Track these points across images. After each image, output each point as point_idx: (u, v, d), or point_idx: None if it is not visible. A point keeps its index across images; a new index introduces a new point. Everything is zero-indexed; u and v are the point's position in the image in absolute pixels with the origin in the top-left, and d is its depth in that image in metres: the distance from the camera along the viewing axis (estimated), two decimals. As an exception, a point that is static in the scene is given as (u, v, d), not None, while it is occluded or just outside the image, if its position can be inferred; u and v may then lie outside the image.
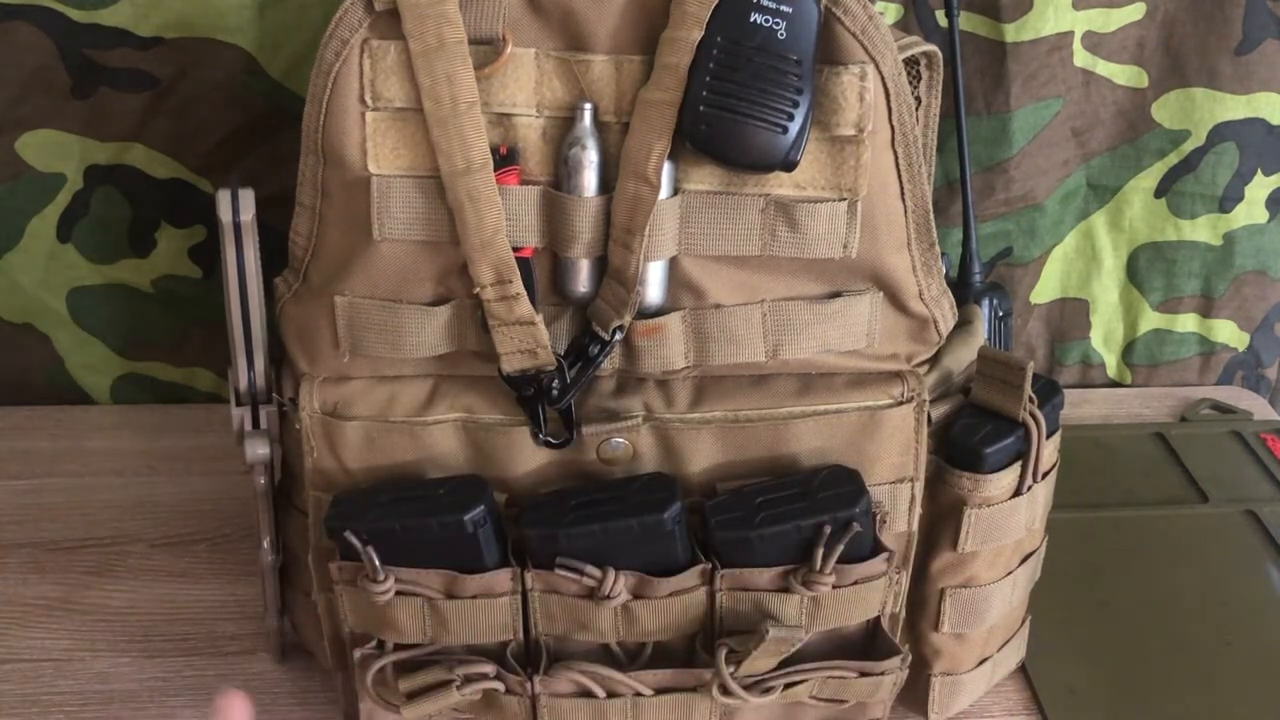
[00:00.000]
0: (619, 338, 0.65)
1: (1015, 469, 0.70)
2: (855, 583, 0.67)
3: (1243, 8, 1.01)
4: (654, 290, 0.65)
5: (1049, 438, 0.71)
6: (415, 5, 0.60)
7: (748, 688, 0.68)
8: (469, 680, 0.68)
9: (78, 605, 0.86)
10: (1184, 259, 1.12)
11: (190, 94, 0.96)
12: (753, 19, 0.60)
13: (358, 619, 0.69)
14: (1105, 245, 1.12)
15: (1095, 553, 0.93)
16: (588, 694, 0.69)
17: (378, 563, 0.65)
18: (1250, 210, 1.10)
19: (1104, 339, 1.16)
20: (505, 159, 0.63)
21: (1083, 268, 1.13)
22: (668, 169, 0.62)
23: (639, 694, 0.68)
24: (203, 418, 1.05)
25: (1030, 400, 0.69)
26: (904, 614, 0.73)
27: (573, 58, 0.63)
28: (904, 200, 0.66)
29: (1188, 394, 1.15)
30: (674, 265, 0.65)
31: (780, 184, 0.64)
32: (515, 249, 0.64)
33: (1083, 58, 1.03)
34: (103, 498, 0.97)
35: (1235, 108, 1.05)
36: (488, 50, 0.62)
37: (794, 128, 0.61)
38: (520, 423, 0.67)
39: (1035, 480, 0.71)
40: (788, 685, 0.69)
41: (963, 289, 0.96)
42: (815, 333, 0.67)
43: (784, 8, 0.60)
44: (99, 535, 0.93)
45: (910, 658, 0.71)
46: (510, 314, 0.64)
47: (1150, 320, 1.15)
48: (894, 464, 0.69)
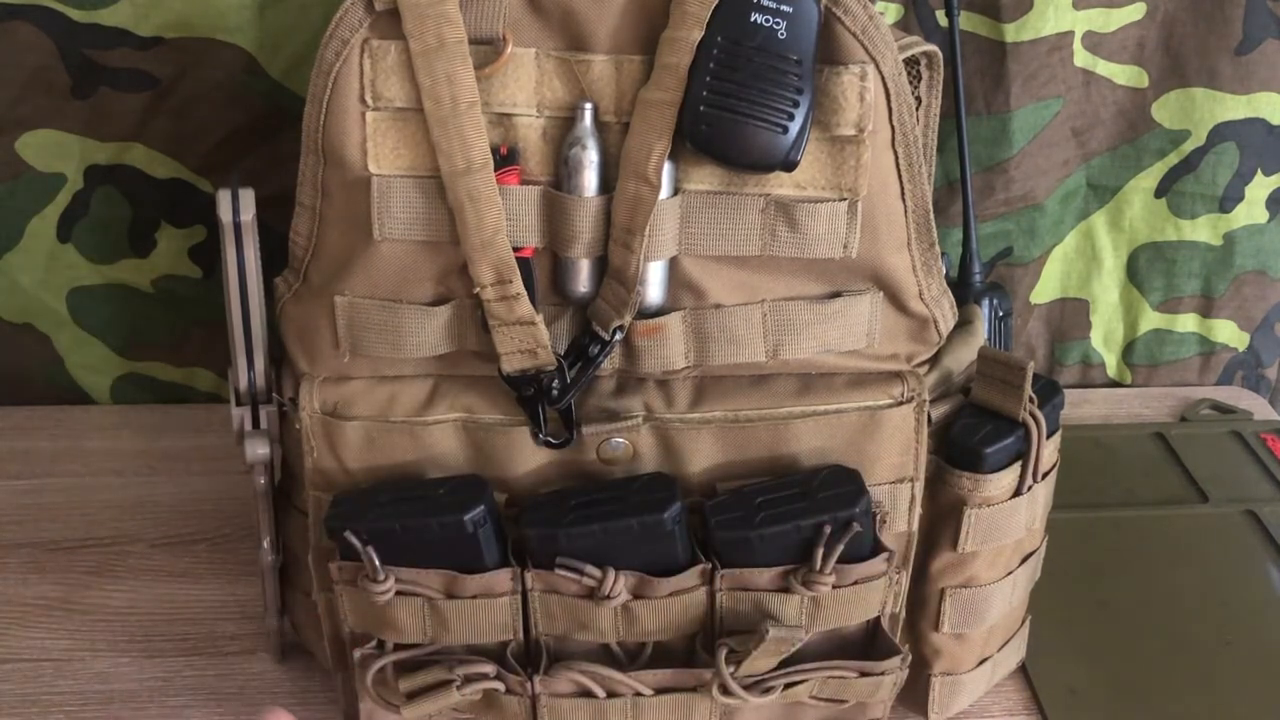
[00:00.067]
0: (619, 338, 0.65)
1: (1015, 469, 0.70)
2: (855, 583, 0.67)
3: (1243, 8, 1.01)
4: (654, 290, 0.65)
5: (1049, 438, 0.71)
6: (415, 5, 0.60)
7: (748, 688, 0.68)
8: (469, 680, 0.68)
9: (78, 605, 0.86)
10: (1184, 259, 1.12)
11: (190, 94, 0.96)
12: (753, 19, 0.60)
13: (358, 619, 0.69)
14: (1105, 245, 1.12)
15: (1095, 553, 0.93)
16: (588, 694, 0.69)
17: (378, 563, 0.65)
18: (1250, 210, 1.10)
19: (1104, 339, 1.16)
20: (505, 159, 0.63)
21: (1083, 268, 1.13)
22: (668, 169, 0.62)
23: (639, 694, 0.68)
24: (203, 418, 1.05)
25: (1030, 400, 0.69)
26: (904, 614, 0.73)
27: (573, 58, 0.63)
28: (904, 200, 0.65)
29: (1188, 394, 1.15)
30: (674, 265, 0.65)
31: (780, 184, 0.64)
32: (515, 249, 0.64)
33: (1083, 58, 1.02)
34: (103, 498, 0.96)
35: (1235, 108, 1.05)
36: (488, 50, 0.62)
37: (794, 128, 0.61)
38: (520, 423, 0.67)
39: (1035, 480, 0.71)
40: (788, 685, 0.69)
41: (963, 289, 0.96)
42: (815, 333, 0.67)
43: (784, 8, 0.60)
44: (99, 535, 0.93)
45: (910, 658, 0.71)
46: (510, 314, 0.64)
47: (1150, 320, 1.15)
48: (894, 464, 0.69)
